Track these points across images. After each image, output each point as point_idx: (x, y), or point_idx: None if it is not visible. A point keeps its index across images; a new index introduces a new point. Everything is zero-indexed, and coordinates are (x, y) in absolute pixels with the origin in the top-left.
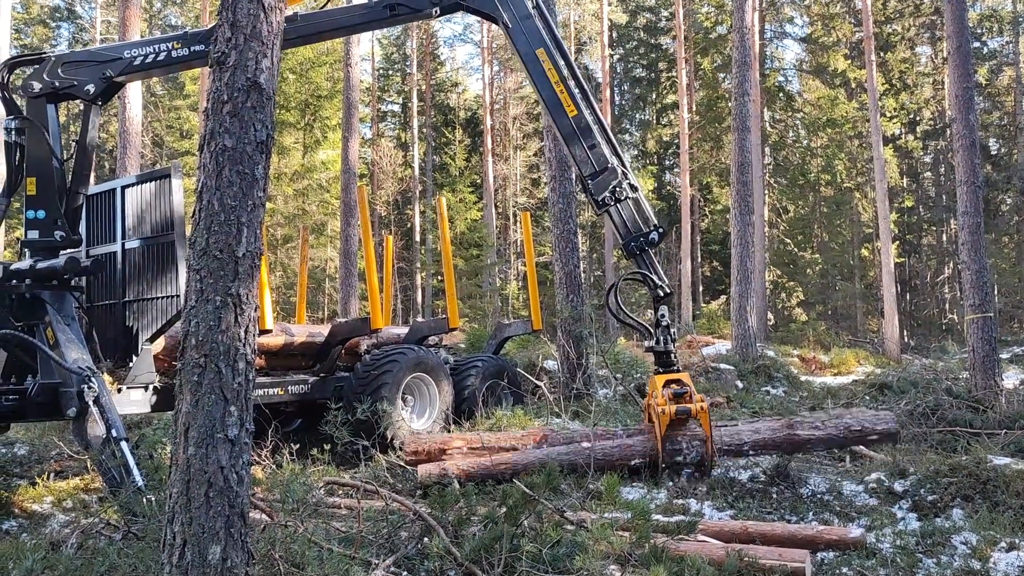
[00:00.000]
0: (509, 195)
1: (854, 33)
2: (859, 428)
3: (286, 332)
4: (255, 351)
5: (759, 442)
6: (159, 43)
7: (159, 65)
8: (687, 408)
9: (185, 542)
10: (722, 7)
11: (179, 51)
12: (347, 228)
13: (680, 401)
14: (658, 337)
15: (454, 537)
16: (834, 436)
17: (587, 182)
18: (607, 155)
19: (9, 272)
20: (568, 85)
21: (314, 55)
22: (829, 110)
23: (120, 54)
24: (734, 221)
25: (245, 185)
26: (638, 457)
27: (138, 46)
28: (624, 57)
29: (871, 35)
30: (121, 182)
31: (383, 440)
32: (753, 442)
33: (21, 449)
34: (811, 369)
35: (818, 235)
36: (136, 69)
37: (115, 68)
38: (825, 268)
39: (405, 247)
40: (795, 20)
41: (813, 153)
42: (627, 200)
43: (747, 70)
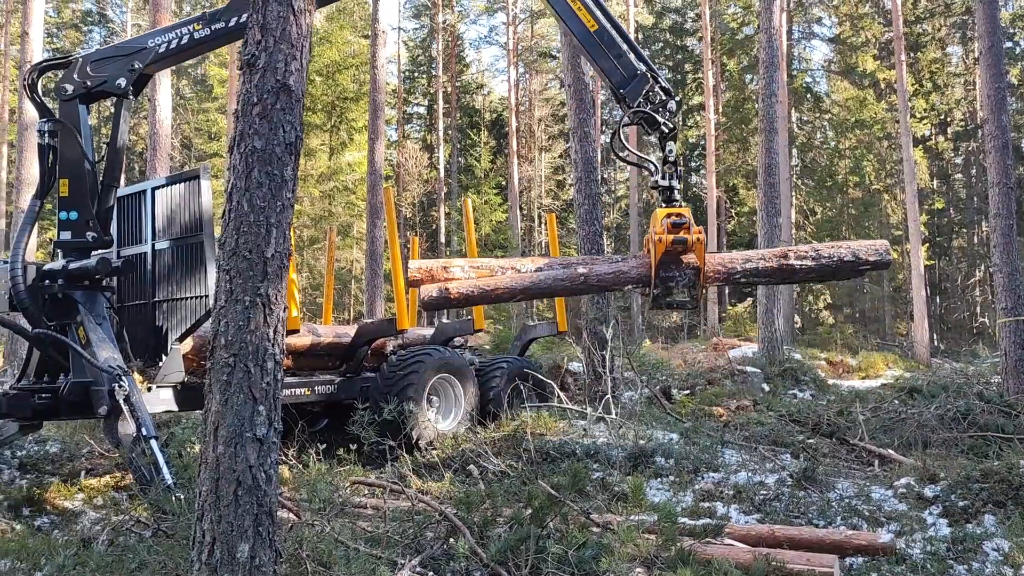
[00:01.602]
0: (534, 197)
1: (883, 33)
2: (852, 258)
3: (313, 332)
4: (283, 351)
5: (751, 271)
6: (180, 27)
7: (184, 49)
8: (684, 238)
9: (214, 540)
10: (749, 8)
11: (200, 32)
12: (373, 229)
13: (678, 232)
14: (664, 172)
15: (480, 538)
16: (826, 265)
17: (619, 92)
18: (634, 62)
19: (42, 272)
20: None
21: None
22: (858, 111)
23: (145, 44)
24: (761, 223)
25: (274, 186)
26: (632, 282)
27: (161, 34)
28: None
29: (901, 35)
30: (151, 184)
31: (409, 440)
32: (744, 270)
33: (53, 447)
34: (839, 373)
35: (846, 237)
36: (162, 57)
37: (142, 59)
38: None
39: (430, 248)
40: (823, 20)
41: (841, 155)
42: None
43: (774, 71)
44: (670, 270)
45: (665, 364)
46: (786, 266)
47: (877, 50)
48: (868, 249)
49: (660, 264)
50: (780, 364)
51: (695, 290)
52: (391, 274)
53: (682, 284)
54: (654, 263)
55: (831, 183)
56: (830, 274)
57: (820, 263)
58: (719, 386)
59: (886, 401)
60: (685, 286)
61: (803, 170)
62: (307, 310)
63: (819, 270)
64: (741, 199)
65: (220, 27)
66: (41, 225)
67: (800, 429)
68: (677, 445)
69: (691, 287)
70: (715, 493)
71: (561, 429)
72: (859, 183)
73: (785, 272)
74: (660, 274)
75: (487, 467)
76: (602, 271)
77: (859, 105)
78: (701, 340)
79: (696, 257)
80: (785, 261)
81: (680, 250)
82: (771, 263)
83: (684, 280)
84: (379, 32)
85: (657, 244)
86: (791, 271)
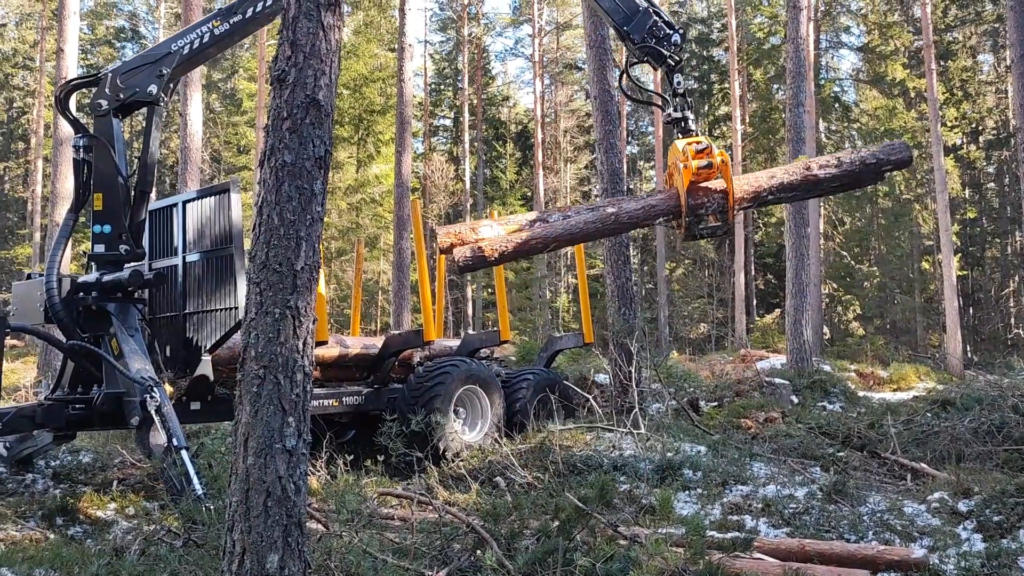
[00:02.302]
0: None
1: (913, 42)
2: (874, 160)
3: (341, 344)
4: (312, 363)
5: (776, 187)
6: (200, 27)
7: (207, 47)
8: (709, 161)
9: (244, 550)
10: (776, 18)
11: (220, 28)
12: (400, 241)
13: (702, 157)
14: (675, 105)
15: (507, 550)
16: (849, 171)
17: (623, 30)
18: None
19: (77, 285)
20: None
21: (368, 71)
22: (887, 120)
23: (168, 49)
24: (788, 233)
25: (304, 200)
26: (662, 215)
27: (182, 36)
28: None
29: (931, 43)
30: (182, 197)
31: (436, 452)
32: (770, 187)
33: (86, 457)
34: (869, 385)
35: (876, 247)
36: (187, 58)
37: (169, 64)
38: (883, 281)
39: None
40: (851, 29)
41: None
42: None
43: (802, 81)
44: (699, 197)
45: (692, 376)
46: (810, 176)
47: (907, 59)
48: (888, 148)
49: (688, 192)
50: (809, 376)
51: (726, 214)
52: (418, 285)
53: (712, 210)
54: (683, 192)
55: (860, 193)
56: (854, 180)
57: (843, 168)
58: (747, 398)
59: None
60: (715, 212)
61: None
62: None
63: (842, 176)
64: (769, 209)
65: (238, 20)
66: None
67: (830, 442)
68: (705, 457)
69: (721, 212)
70: (744, 506)
71: (588, 441)
72: (889, 193)
73: (810, 183)
74: (690, 202)
75: (514, 479)
76: (631, 208)
77: (888, 114)
78: (729, 352)
79: (724, 179)
80: (808, 172)
81: (706, 175)
82: (795, 176)
83: (714, 205)
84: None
85: (684, 171)
86: (816, 181)
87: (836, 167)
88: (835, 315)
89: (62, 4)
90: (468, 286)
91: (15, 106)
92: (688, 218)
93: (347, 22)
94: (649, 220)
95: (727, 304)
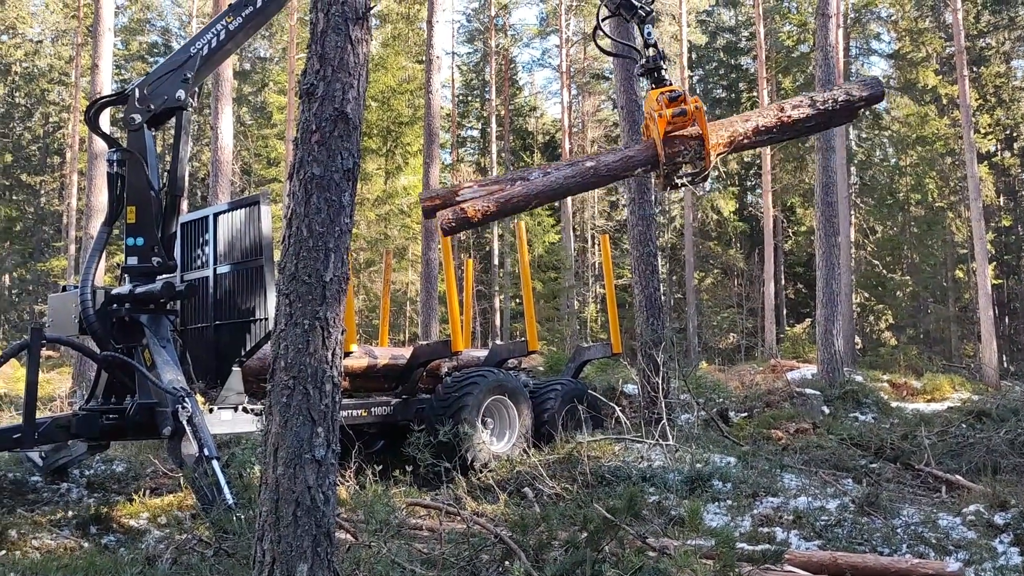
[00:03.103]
0: (587, 218)
1: (944, 48)
2: (846, 97)
3: (369, 354)
4: (341, 373)
5: (752, 130)
6: (215, 26)
7: (224, 44)
8: (683, 108)
9: (274, 560)
10: (805, 25)
11: (234, 23)
12: (428, 252)
13: (676, 105)
14: (648, 56)
15: (535, 561)
16: (823, 110)
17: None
18: None
19: (110, 297)
20: None
21: (396, 83)
22: (919, 127)
23: (188, 53)
24: (819, 242)
25: (332, 212)
26: (640, 166)
27: (199, 38)
28: (704, 78)
29: (963, 49)
30: (213, 210)
31: (464, 462)
32: (745, 131)
33: (119, 466)
34: (902, 395)
35: (908, 256)
36: (207, 58)
37: (191, 67)
38: (916, 290)
39: (484, 270)
40: (882, 36)
41: (902, 172)
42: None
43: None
44: (675, 145)
45: (722, 386)
46: (784, 118)
47: (938, 65)
48: (860, 85)
49: (665, 141)
50: (840, 386)
51: (703, 161)
52: (445, 296)
53: (689, 157)
54: (659, 141)
55: (892, 201)
56: (828, 119)
57: (816, 107)
58: (777, 409)
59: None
60: (692, 159)
61: (862, 188)
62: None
63: (817, 116)
64: (799, 218)
65: (250, 11)
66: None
67: (862, 453)
68: (735, 469)
69: (699, 159)
70: (774, 518)
71: (616, 452)
72: (921, 201)
73: (785, 124)
74: (667, 151)
75: (542, 490)
76: (609, 160)
77: (920, 121)
78: (759, 362)
79: (699, 126)
80: (782, 113)
81: (681, 123)
82: (769, 118)
83: (690, 153)
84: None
85: (659, 120)
86: (790, 122)
87: (810, 106)
88: (867, 325)
89: (97, 21)
90: (496, 296)
91: (51, 121)
92: (666, 167)
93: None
94: (628, 171)
95: (756, 314)
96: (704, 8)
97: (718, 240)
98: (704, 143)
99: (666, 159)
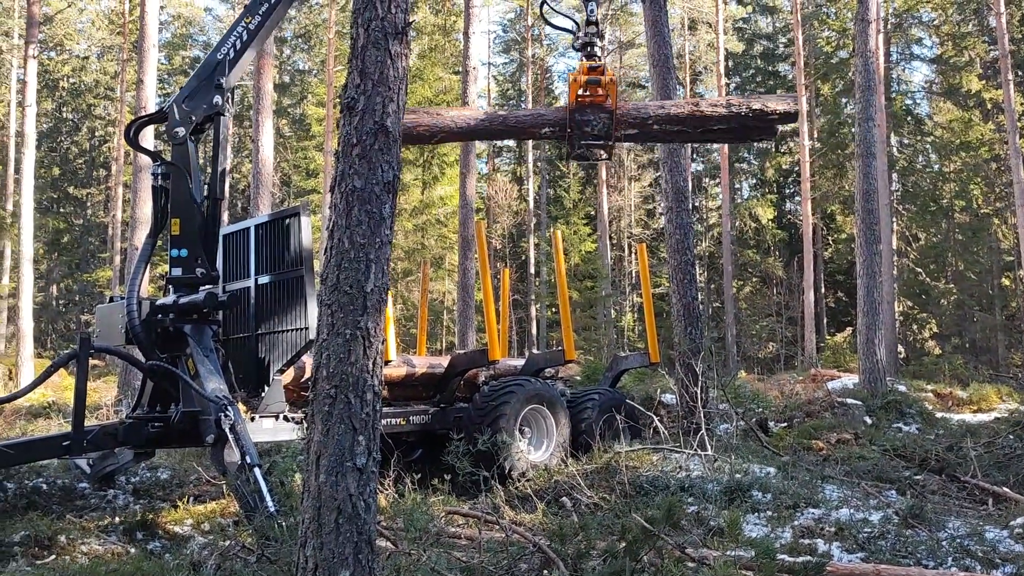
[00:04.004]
0: (624, 226)
1: (988, 52)
2: (760, 107)
3: (407, 363)
4: (382, 382)
5: (664, 116)
6: (236, 29)
7: (248, 44)
8: (597, 78)
9: (316, 566)
10: (844, 31)
11: (253, 22)
12: (465, 261)
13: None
14: (587, 31)
15: (574, 570)
16: (737, 113)
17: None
18: None
19: (155, 307)
20: None
21: (433, 95)
22: (962, 133)
23: (215, 59)
24: (860, 250)
25: (373, 224)
26: (548, 125)
27: (223, 44)
28: (740, 86)
29: (1007, 53)
30: (254, 221)
31: (501, 471)
32: (657, 116)
33: (164, 474)
34: (947, 405)
35: (952, 264)
36: (235, 60)
37: (221, 72)
38: (961, 299)
39: (520, 279)
40: (923, 41)
41: (946, 178)
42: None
43: (871, 94)
44: (585, 113)
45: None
46: (697, 112)
47: (982, 69)
48: (777, 100)
49: (576, 107)
50: (883, 396)
51: (609, 137)
52: (482, 305)
53: (597, 128)
54: (570, 103)
55: (935, 208)
56: (742, 127)
57: (731, 110)
58: (818, 419)
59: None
60: (600, 131)
61: (904, 195)
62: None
63: (730, 118)
64: (839, 226)
65: (266, 8)
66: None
67: (906, 464)
68: (775, 479)
69: (606, 134)
70: (815, 530)
71: (655, 462)
72: (966, 207)
73: (697, 118)
74: (576, 117)
75: (580, 499)
76: (521, 114)
77: (964, 127)
78: (798, 371)
79: (610, 97)
80: (696, 108)
81: (593, 92)
82: (683, 109)
83: (599, 124)
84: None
85: (572, 84)
86: (703, 118)
87: (724, 107)
88: (910, 334)
89: (142, 37)
90: (532, 305)
91: (97, 135)
92: (573, 132)
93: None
94: (536, 127)
95: (796, 322)
96: (741, 16)
97: (756, 248)
98: (612, 117)
99: (574, 126)
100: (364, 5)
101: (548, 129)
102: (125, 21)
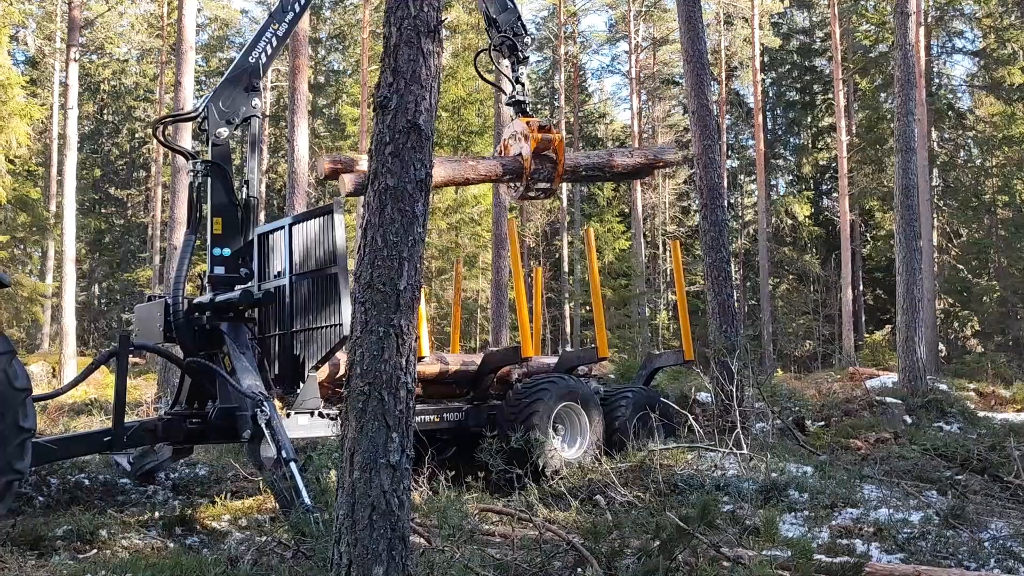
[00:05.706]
0: (658, 224)
1: None
2: (653, 156)
3: (441, 361)
4: (415, 380)
5: (588, 165)
6: (264, 34)
7: (277, 48)
8: (550, 136)
9: (351, 562)
10: (883, 24)
11: (281, 28)
12: (498, 260)
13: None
14: (517, 91)
15: (608, 569)
16: (641, 163)
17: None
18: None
19: (192, 306)
20: None
21: (466, 94)
22: (1005, 127)
23: (247, 63)
24: (899, 247)
25: (406, 222)
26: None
27: (253, 48)
28: (776, 81)
29: None
30: (288, 220)
31: (535, 469)
32: (585, 165)
33: (202, 470)
34: (990, 404)
35: (995, 260)
36: (267, 64)
37: (256, 75)
38: (1004, 296)
39: (554, 277)
40: (965, 34)
41: (988, 173)
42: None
43: (911, 89)
44: (537, 164)
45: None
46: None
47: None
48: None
49: (533, 157)
50: (923, 395)
51: (552, 182)
52: (515, 303)
53: (543, 176)
54: (528, 157)
55: (977, 203)
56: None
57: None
58: (856, 418)
59: None
60: (545, 178)
61: (945, 190)
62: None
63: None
64: (877, 222)
65: (291, 16)
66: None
67: (947, 464)
68: (812, 479)
69: (550, 180)
70: (854, 530)
71: (689, 461)
72: (1009, 203)
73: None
74: (533, 166)
75: (614, 497)
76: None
77: (1007, 121)
78: (836, 370)
79: (558, 153)
80: (612, 158)
81: (545, 146)
82: (603, 159)
83: (545, 172)
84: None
85: (531, 141)
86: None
87: (629, 157)
88: (951, 331)
89: (180, 40)
90: (566, 303)
91: (136, 136)
92: (528, 179)
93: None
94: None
95: (833, 320)
96: (777, 11)
97: (793, 245)
98: (557, 167)
99: (531, 173)
100: (397, 3)
101: (508, 177)
102: (164, 24)
